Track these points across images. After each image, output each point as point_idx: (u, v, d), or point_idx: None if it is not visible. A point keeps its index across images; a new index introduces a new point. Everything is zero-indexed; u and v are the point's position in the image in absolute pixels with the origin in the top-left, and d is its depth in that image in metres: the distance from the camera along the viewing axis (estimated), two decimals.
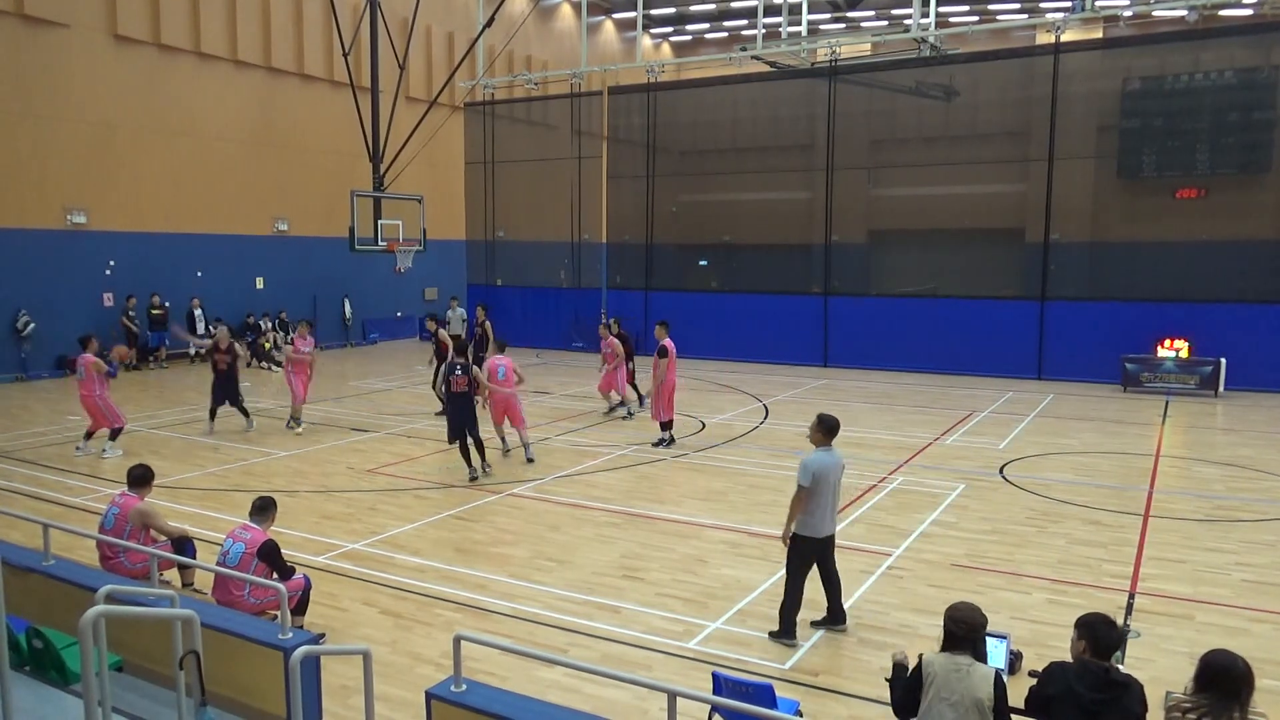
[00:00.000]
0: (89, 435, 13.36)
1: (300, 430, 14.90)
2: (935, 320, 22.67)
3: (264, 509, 7.10)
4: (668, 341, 13.78)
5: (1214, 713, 3.85)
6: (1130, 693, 4.08)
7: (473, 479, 11.78)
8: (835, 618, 7.19)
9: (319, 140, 27.43)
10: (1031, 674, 4.60)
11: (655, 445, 13.76)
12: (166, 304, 23.13)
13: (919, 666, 4.42)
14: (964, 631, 4.37)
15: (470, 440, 11.90)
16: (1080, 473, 12.44)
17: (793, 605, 6.97)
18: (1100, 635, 4.24)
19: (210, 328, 24.16)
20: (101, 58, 22.09)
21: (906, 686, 4.46)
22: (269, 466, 12.70)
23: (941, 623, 4.48)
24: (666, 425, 13.86)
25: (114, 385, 20.01)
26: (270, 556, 6.75)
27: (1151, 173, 21.81)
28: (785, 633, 6.96)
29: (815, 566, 7.12)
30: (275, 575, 6.73)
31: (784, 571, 7.08)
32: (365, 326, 29.52)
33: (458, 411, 11.93)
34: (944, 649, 4.42)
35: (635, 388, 16.78)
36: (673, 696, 4.08)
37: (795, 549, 7.01)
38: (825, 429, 7.10)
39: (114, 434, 13.30)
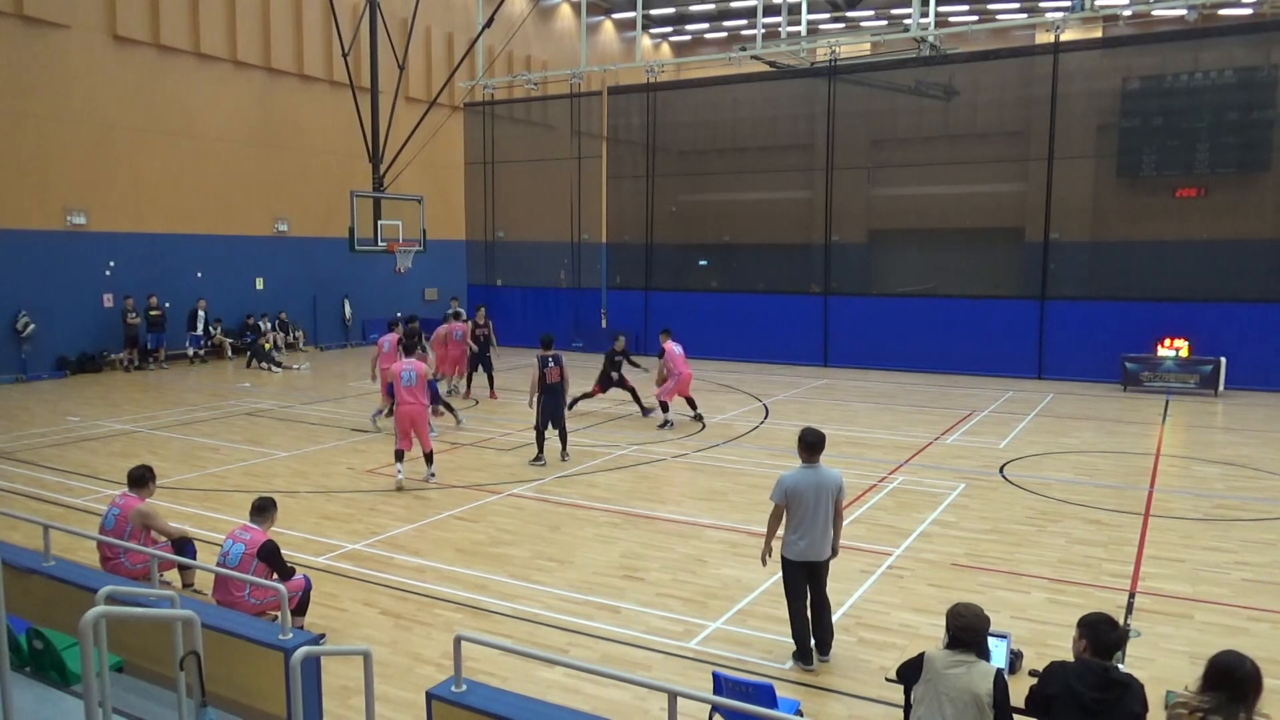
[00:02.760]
0: (429, 459, 11.71)
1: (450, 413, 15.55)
2: (935, 320, 22.68)
3: (263, 509, 7.10)
4: (667, 344, 15.63)
5: (1219, 713, 3.85)
6: (1130, 692, 4.08)
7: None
8: (818, 646, 6.72)
9: (319, 140, 27.43)
10: (1032, 673, 4.61)
11: (660, 427, 15.31)
12: (167, 304, 23.13)
13: (919, 659, 4.45)
14: (966, 636, 4.38)
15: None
16: (1080, 472, 12.45)
17: (799, 629, 6.65)
18: (1102, 635, 4.25)
19: (210, 328, 24.22)
20: (101, 58, 22.09)
21: (911, 665, 4.53)
22: (269, 467, 12.70)
23: (942, 622, 4.50)
24: (666, 407, 15.49)
25: (114, 385, 20.20)
26: (270, 557, 6.75)
27: (1151, 172, 21.80)
28: (799, 656, 6.66)
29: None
30: (275, 576, 6.74)
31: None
32: (365, 327, 29.51)
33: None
34: (946, 647, 4.44)
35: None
36: (673, 696, 4.08)
37: (783, 569, 6.75)
38: (804, 445, 6.65)
39: (429, 456, 11.79)
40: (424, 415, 11.64)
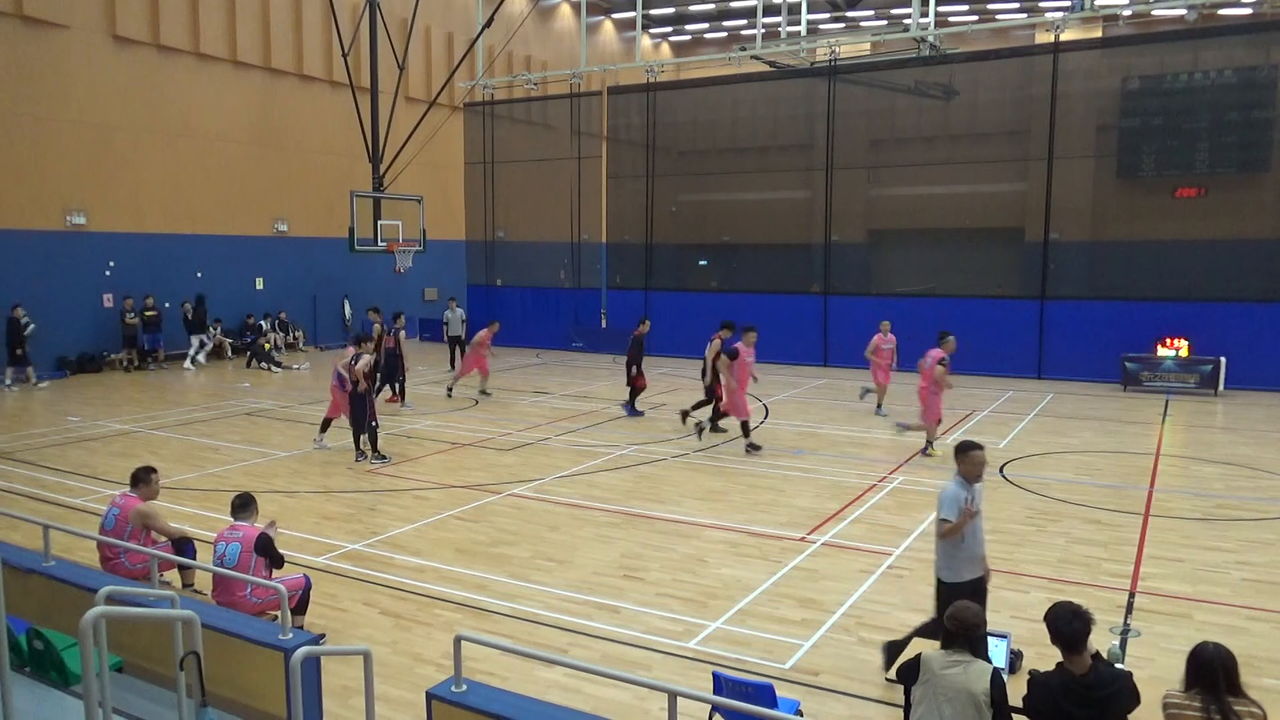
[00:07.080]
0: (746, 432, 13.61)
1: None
2: (935, 320, 22.59)
3: (245, 505, 7.08)
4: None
5: (1205, 705, 3.90)
6: (1117, 693, 4.12)
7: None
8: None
9: (319, 140, 27.43)
10: (1032, 674, 4.61)
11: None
12: (166, 304, 23.13)
13: (917, 660, 4.45)
14: (958, 629, 4.39)
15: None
16: (1080, 472, 12.45)
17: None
18: (1059, 630, 4.27)
19: (210, 328, 24.21)
20: (101, 58, 22.09)
21: (909, 666, 4.54)
22: (269, 467, 12.70)
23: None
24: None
25: (114, 385, 20.19)
26: (266, 549, 6.76)
27: (1151, 172, 21.81)
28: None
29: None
30: (271, 565, 6.76)
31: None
32: (365, 327, 29.45)
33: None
34: (943, 646, 4.45)
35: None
36: (673, 696, 4.08)
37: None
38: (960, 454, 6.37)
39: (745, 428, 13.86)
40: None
